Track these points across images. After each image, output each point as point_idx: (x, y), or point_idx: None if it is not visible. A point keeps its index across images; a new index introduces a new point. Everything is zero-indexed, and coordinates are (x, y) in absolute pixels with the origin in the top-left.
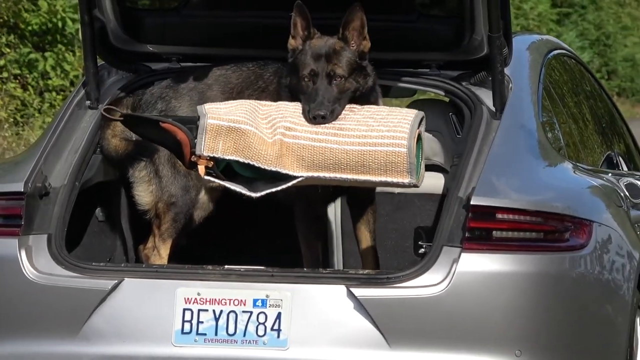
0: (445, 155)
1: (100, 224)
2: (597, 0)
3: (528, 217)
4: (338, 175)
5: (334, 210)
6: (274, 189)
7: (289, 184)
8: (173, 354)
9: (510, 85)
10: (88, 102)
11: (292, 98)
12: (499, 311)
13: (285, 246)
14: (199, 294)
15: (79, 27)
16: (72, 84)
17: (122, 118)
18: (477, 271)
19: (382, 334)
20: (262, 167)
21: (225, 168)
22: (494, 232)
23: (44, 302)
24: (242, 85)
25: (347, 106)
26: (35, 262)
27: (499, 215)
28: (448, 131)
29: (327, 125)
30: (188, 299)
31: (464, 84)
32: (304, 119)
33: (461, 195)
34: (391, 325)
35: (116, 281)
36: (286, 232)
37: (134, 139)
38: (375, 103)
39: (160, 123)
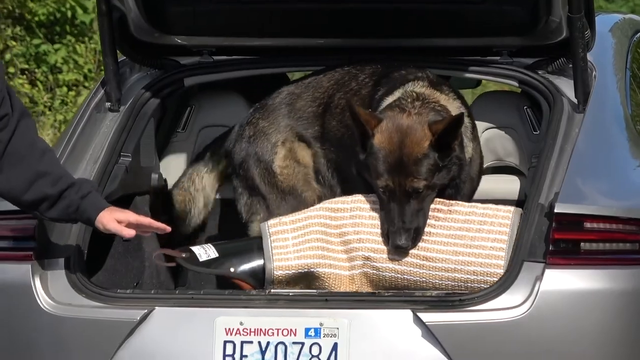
0: (520, 155)
1: (126, 243)
2: None
3: (620, 225)
4: None
5: None
6: None
7: None
8: None
9: (594, 73)
10: (108, 104)
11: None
12: (589, 336)
13: None
14: (241, 324)
15: (95, 17)
16: (85, 77)
17: (173, 264)
18: (563, 290)
19: None
20: None
21: None
22: (582, 244)
23: (62, 336)
24: (333, 88)
25: (432, 208)
26: (52, 291)
27: (588, 225)
28: (523, 128)
29: (411, 251)
30: (229, 329)
31: (540, 72)
32: (382, 242)
33: (542, 202)
34: (465, 355)
35: (146, 311)
36: None
37: None
38: (461, 184)
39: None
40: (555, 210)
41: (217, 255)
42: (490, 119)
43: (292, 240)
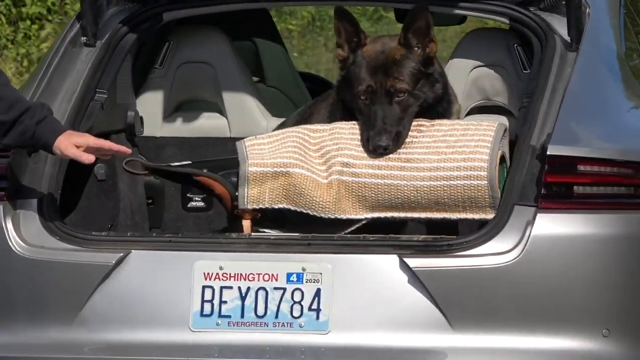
0: (509, 94)
1: (100, 183)
2: None
3: (615, 168)
4: (409, 214)
5: None
6: None
7: (352, 228)
8: (191, 340)
9: (588, 10)
10: (84, 39)
11: (349, 115)
12: (583, 283)
13: None
14: (221, 268)
15: None
16: (49, 11)
17: (146, 171)
18: (555, 234)
19: (442, 312)
20: (319, 215)
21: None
22: (575, 187)
23: (35, 280)
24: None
25: (414, 123)
26: (24, 233)
27: (581, 167)
28: (513, 66)
29: (391, 156)
30: (208, 274)
31: (532, 9)
32: (362, 150)
33: (534, 143)
34: (453, 302)
35: (121, 254)
36: None
37: None
38: (446, 112)
39: (193, 176)
40: (548, 152)
41: (191, 163)
42: (479, 57)
43: (268, 148)
